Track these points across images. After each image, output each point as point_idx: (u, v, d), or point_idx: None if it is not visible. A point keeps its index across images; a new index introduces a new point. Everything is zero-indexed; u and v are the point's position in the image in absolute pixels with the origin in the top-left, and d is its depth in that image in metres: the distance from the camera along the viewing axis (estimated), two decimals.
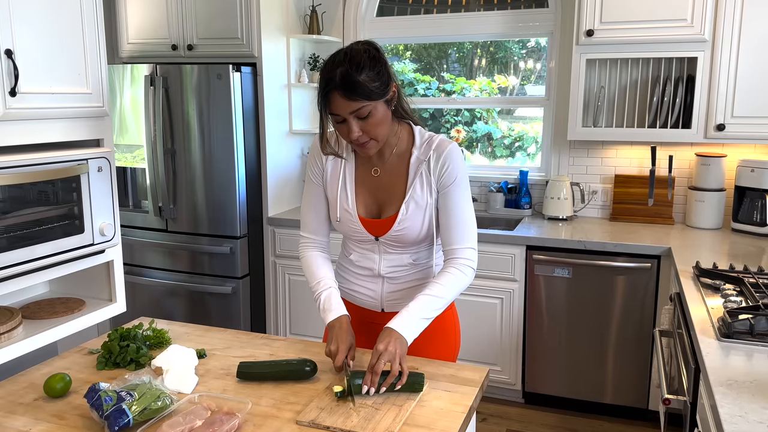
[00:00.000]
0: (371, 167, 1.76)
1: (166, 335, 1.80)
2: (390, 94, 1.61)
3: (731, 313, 1.83)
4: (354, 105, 1.54)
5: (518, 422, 3.17)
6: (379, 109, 1.58)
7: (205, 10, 3.52)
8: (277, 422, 1.38)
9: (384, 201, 1.76)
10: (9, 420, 1.41)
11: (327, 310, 1.69)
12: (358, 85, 1.52)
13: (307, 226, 1.85)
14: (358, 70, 1.52)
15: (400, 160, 1.74)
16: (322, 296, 1.73)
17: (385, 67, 1.59)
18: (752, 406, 1.37)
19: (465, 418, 1.40)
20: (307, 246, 1.86)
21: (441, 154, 1.70)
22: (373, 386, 1.46)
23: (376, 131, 1.61)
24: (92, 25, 1.82)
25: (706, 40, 2.96)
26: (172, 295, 3.68)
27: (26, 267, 1.69)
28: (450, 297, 1.67)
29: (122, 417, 1.32)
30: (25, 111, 1.65)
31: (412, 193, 1.71)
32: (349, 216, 1.76)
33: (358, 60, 1.54)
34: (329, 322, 1.67)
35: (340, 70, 1.52)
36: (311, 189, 1.82)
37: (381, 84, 1.56)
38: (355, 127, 1.57)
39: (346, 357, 1.56)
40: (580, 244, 3.03)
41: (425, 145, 1.72)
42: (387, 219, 1.74)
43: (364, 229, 1.76)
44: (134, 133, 3.57)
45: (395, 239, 1.75)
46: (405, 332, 1.55)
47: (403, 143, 1.74)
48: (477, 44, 3.91)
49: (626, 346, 3.06)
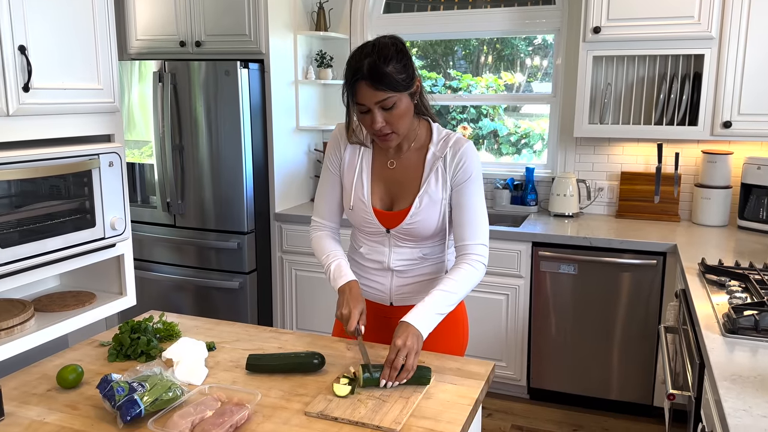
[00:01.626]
0: (387, 160, 1.80)
1: (176, 328, 1.82)
2: (414, 87, 1.65)
3: (736, 309, 1.84)
4: (380, 95, 1.58)
5: (523, 418, 3.19)
6: (403, 101, 1.63)
7: (213, 7, 3.54)
8: (286, 413, 1.40)
9: (398, 194, 1.78)
10: (23, 410, 1.43)
11: (337, 277, 1.73)
12: (385, 75, 1.56)
13: (320, 211, 1.88)
14: (385, 62, 1.57)
15: (417, 155, 1.77)
16: (332, 266, 1.76)
17: (410, 61, 1.64)
18: (756, 401, 1.38)
19: (471, 410, 1.41)
20: (316, 229, 1.89)
21: (457, 152, 1.73)
22: (390, 380, 1.48)
23: (399, 123, 1.65)
24: (104, 21, 1.84)
25: (713, 38, 2.96)
26: (180, 289, 3.71)
27: (38, 260, 1.71)
28: (463, 293, 1.69)
29: (134, 407, 1.34)
30: (38, 106, 1.67)
31: (426, 187, 1.74)
32: (362, 206, 1.78)
33: (385, 52, 1.58)
34: (340, 286, 1.70)
35: (368, 61, 1.57)
36: (327, 177, 1.86)
37: (407, 77, 1.61)
38: (379, 117, 1.61)
39: (357, 322, 1.60)
40: (586, 240, 3.04)
41: (442, 141, 1.76)
42: (400, 212, 1.76)
43: (377, 220, 1.78)
44: (142, 129, 3.59)
45: (406, 232, 1.77)
46: (421, 327, 1.57)
47: (421, 138, 1.78)
48: (483, 41, 3.92)
49: (631, 343, 3.07)
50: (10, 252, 1.64)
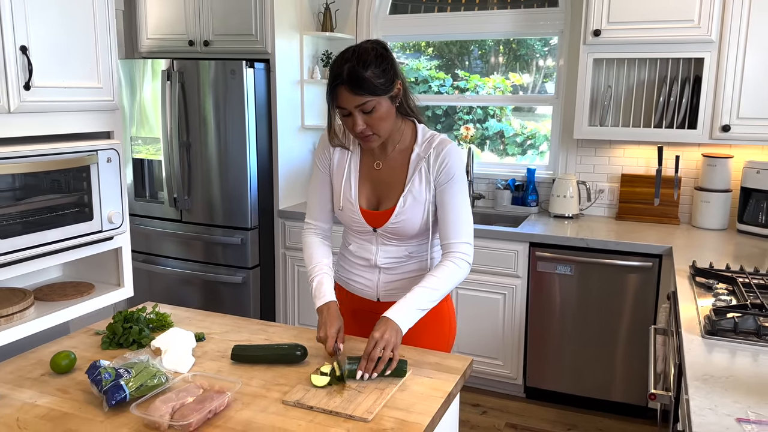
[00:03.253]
0: (374, 161, 1.84)
1: (168, 319, 1.89)
2: (394, 91, 1.69)
3: (717, 311, 1.86)
4: (359, 99, 1.63)
5: (518, 416, 3.22)
6: (383, 105, 1.67)
7: (221, 7, 3.61)
8: (264, 401, 1.45)
9: (383, 194, 1.83)
10: (17, 392, 1.50)
11: (316, 297, 1.79)
12: (363, 80, 1.61)
13: (312, 212, 1.94)
14: (364, 67, 1.62)
15: (402, 156, 1.82)
16: (314, 282, 1.82)
17: (392, 65, 1.68)
18: (724, 400, 1.41)
19: (443, 402, 1.46)
20: (309, 231, 1.95)
21: (440, 152, 1.77)
22: (367, 372, 1.53)
23: (379, 126, 1.69)
24: (104, 21, 1.91)
25: (713, 41, 2.97)
26: (186, 283, 3.79)
27: (38, 251, 1.79)
28: (445, 289, 1.74)
29: (119, 392, 1.41)
30: (39, 104, 1.75)
31: (410, 187, 1.78)
32: (350, 206, 1.84)
33: (365, 57, 1.63)
34: (318, 307, 1.76)
35: (348, 66, 1.62)
36: (318, 177, 1.91)
37: (386, 81, 1.65)
38: (359, 120, 1.66)
39: (336, 342, 1.65)
40: (583, 242, 3.07)
41: (426, 143, 1.80)
42: (385, 211, 1.81)
43: (364, 220, 1.83)
44: (154, 126, 3.68)
45: (392, 231, 1.82)
46: (400, 322, 1.62)
47: (406, 140, 1.82)
48: (499, 41, 3.94)
49: (627, 344, 3.09)
50: (11, 242, 1.71)
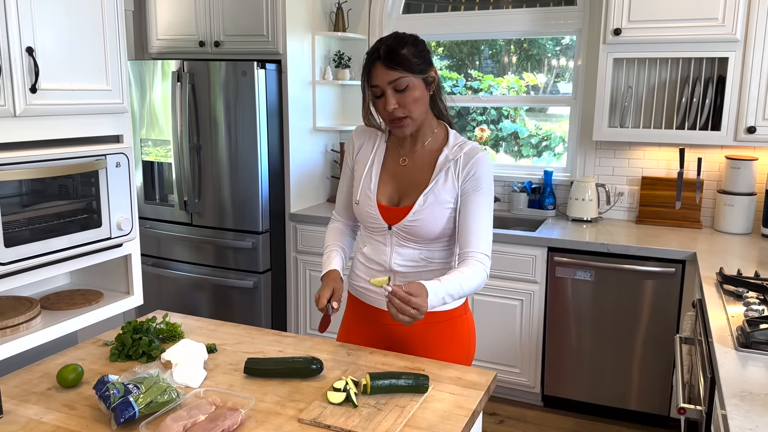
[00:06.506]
0: (400, 157, 1.82)
1: (178, 329, 1.82)
2: (430, 74, 1.71)
3: (751, 322, 1.78)
4: (393, 74, 1.64)
5: (536, 425, 3.14)
6: (416, 86, 1.68)
7: (232, 7, 3.55)
8: (279, 419, 1.39)
9: (405, 191, 1.79)
10: (22, 408, 1.45)
11: (323, 268, 1.87)
12: (399, 56, 1.64)
13: (338, 207, 2.00)
14: (401, 45, 1.66)
15: (430, 155, 1.79)
16: (324, 256, 1.91)
17: (427, 52, 1.72)
18: (764, 420, 1.33)
19: (468, 421, 1.39)
20: (333, 221, 2.02)
21: (470, 160, 1.74)
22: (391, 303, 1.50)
23: (412, 108, 1.68)
24: (113, 22, 1.85)
25: (738, 40, 2.87)
26: (197, 288, 3.74)
27: (45, 259, 1.73)
28: (471, 286, 1.68)
29: (128, 409, 1.34)
30: (46, 107, 1.69)
31: (433, 186, 1.74)
32: (368, 200, 1.81)
33: (402, 38, 1.68)
34: (321, 276, 1.83)
35: (385, 45, 1.67)
36: (345, 172, 1.94)
37: (422, 61, 1.67)
38: (392, 99, 1.66)
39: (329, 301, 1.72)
40: (603, 246, 2.98)
41: (457, 146, 1.78)
42: (403, 208, 1.77)
43: (379, 215, 1.79)
44: (164, 128, 3.62)
45: (408, 230, 1.76)
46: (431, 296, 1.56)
47: (437, 140, 1.81)
48: (510, 41, 3.86)
49: (648, 352, 3.00)
50: (17, 250, 1.65)
